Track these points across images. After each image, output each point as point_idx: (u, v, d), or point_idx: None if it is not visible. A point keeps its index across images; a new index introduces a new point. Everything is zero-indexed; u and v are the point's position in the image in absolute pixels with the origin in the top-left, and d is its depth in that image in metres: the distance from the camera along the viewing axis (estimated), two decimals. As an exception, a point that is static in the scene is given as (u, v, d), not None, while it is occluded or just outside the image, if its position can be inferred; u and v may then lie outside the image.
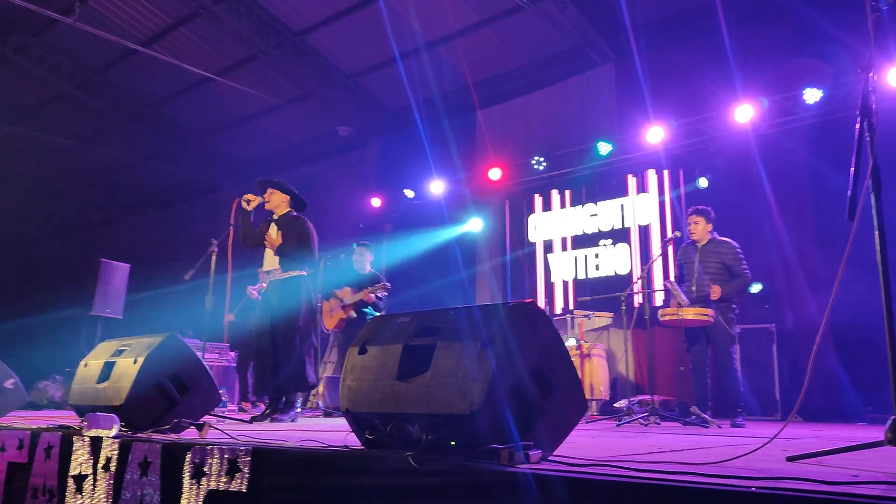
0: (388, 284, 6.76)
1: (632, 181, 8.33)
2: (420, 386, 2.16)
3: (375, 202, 10.26)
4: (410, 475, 1.91)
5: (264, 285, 5.34)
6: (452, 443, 2.06)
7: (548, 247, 9.01)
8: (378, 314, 6.63)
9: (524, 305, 2.31)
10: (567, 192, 8.94)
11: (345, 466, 2.09)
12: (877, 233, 2.06)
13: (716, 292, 5.31)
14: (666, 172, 8.04)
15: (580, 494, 1.66)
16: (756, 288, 6.63)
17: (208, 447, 2.35)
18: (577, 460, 1.96)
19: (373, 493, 2.00)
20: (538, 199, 9.19)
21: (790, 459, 2.11)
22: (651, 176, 8.20)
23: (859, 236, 2.15)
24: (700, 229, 5.56)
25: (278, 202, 5.31)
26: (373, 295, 6.63)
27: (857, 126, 2.09)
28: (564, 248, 8.86)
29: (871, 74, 2.10)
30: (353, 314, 6.78)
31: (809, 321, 6.50)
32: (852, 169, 2.04)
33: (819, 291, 6.47)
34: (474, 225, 9.63)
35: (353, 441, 2.38)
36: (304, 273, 5.22)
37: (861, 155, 2.06)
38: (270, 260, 5.24)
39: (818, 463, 2.07)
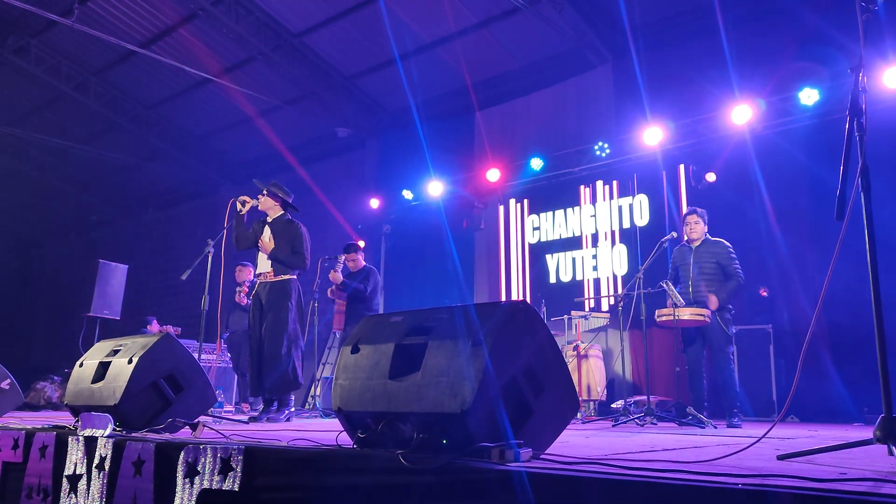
0: (342, 256, 6.94)
1: (629, 182, 8.33)
2: (412, 385, 2.17)
3: (374, 203, 10.25)
4: (401, 473, 1.91)
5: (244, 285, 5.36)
6: (444, 441, 2.06)
7: (546, 248, 9.01)
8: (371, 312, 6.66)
9: (517, 305, 2.32)
10: (565, 193, 8.94)
11: (336, 465, 2.10)
12: (866, 232, 2.06)
13: (713, 302, 5.30)
14: (663, 173, 8.04)
15: (570, 492, 1.66)
16: (764, 292, 6.67)
17: (201, 446, 2.35)
18: (568, 458, 1.96)
19: (364, 492, 2.01)
20: (536, 201, 9.19)
21: (781, 458, 2.12)
22: (648, 177, 8.20)
23: (858, 237, 2.15)
24: (700, 229, 5.58)
25: (271, 204, 5.36)
26: (338, 274, 6.72)
27: (847, 126, 2.09)
28: (562, 249, 8.86)
29: (860, 74, 2.10)
30: (338, 296, 6.83)
31: (806, 322, 6.50)
32: (842, 168, 2.04)
33: (815, 292, 6.48)
34: (472, 226, 9.63)
35: (346, 440, 2.39)
36: (294, 276, 5.27)
37: (850, 154, 2.06)
38: (263, 262, 5.28)
39: (808, 461, 2.07)
